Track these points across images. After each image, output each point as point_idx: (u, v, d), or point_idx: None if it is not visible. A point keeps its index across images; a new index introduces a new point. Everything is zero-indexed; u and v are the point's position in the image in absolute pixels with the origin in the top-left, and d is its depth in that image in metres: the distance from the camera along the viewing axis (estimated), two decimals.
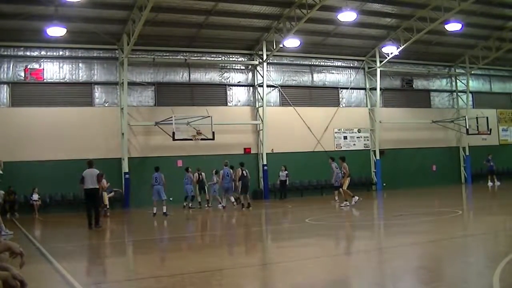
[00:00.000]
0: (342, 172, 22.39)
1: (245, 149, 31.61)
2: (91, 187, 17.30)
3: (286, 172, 29.85)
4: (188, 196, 25.33)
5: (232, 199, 23.81)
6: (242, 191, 23.69)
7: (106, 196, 22.26)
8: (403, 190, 31.23)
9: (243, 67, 32.59)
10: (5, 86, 27.13)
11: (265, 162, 31.31)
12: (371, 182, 34.69)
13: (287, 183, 30.13)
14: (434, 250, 10.00)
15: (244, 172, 23.64)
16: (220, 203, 24.77)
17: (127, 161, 28.12)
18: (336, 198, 24.78)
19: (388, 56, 33.63)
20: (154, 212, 21.04)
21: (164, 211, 20.98)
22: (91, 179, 17.35)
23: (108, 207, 22.93)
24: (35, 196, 25.72)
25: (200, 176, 25.75)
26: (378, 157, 34.75)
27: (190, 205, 25.20)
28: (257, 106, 32.15)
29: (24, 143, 26.15)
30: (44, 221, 22.51)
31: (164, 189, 21.47)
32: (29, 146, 26.27)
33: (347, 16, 26.36)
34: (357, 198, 21.70)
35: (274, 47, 30.38)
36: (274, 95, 32.87)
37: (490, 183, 31.35)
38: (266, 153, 31.55)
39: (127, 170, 28.01)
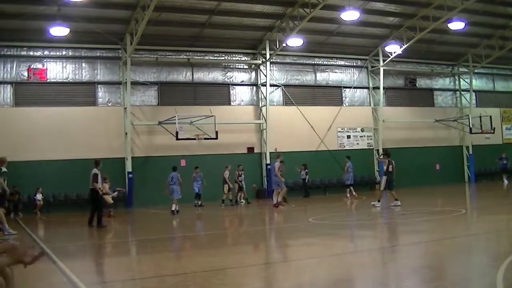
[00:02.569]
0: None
1: (248, 148, 31.61)
2: (90, 187, 17.87)
3: (306, 170, 29.79)
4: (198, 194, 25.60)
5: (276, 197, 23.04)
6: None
7: (107, 198, 22.04)
8: (406, 189, 31.14)
9: (246, 67, 32.59)
10: (8, 86, 27.16)
11: (268, 162, 31.27)
12: (374, 181, 34.61)
13: (307, 181, 30.22)
14: (437, 249, 9.99)
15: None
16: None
17: (131, 160, 28.14)
18: (354, 194, 26.35)
19: (391, 55, 33.57)
20: (173, 209, 22.15)
21: (173, 209, 22.14)
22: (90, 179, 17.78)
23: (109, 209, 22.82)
24: (39, 196, 25.77)
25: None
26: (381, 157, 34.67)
27: (196, 202, 25.39)
28: (260, 105, 32.15)
29: (27, 143, 26.16)
30: (47, 221, 22.55)
31: (180, 189, 22.75)
32: (32, 146, 26.29)
33: (350, 15, 26.32)
34: (378, 204, 19.96)
35: (277, 47, 30.34)
36: (277, 95, 32.86)
37: (505, 181, 31.12)
38: (270, 152, 31.54)
39: (130, 170, 28.01)
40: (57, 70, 28.13)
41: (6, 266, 4.52)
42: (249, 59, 32.33)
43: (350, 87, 35.01)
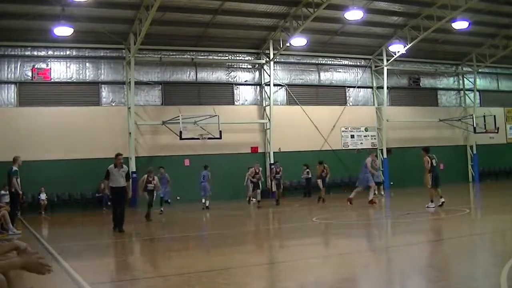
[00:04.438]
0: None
1: (252, 148, 31.61)
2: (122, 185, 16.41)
3: (308, 170, 29.29)
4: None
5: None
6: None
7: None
8: (411, 189, 31.12)
9: (250, 66, 32.60)
10: (13, 85, 27.25)
11: (272, 161, 31.26)
12: (379, 181, 34.49)
13: (311, 181, 29.70)
14: (441, 249, 9.97)
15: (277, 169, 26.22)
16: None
17: (134, 160, 28.16)
18: (375, 193, 24.73)
19: (395, 54, 33.56)
20: (206, 205, 23.96)
21: (207, 205, 23.89)
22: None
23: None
24: (43, 196, 25.82)
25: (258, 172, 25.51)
26: (385, 156, 34.67)
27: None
28: (264, 105, 32.16)
29: (31, 142, 26.20)
30: (51, 220, 22.58)
31: (210, 186, 24.23)
32: (37, 145, 26.34)
33: (354, 14, 26.35)
34: (442, 202, 17.87)
35: (281, 46, 30.37)
36: (281, 94, 32.88)
37: None
38: (273, 152, 31.53)
39: (134, 170, 27.98)
40: (61, 70, 28.20)
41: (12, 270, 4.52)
42: (252, 58, 32.35)
43: (353, 87, 35.01)
